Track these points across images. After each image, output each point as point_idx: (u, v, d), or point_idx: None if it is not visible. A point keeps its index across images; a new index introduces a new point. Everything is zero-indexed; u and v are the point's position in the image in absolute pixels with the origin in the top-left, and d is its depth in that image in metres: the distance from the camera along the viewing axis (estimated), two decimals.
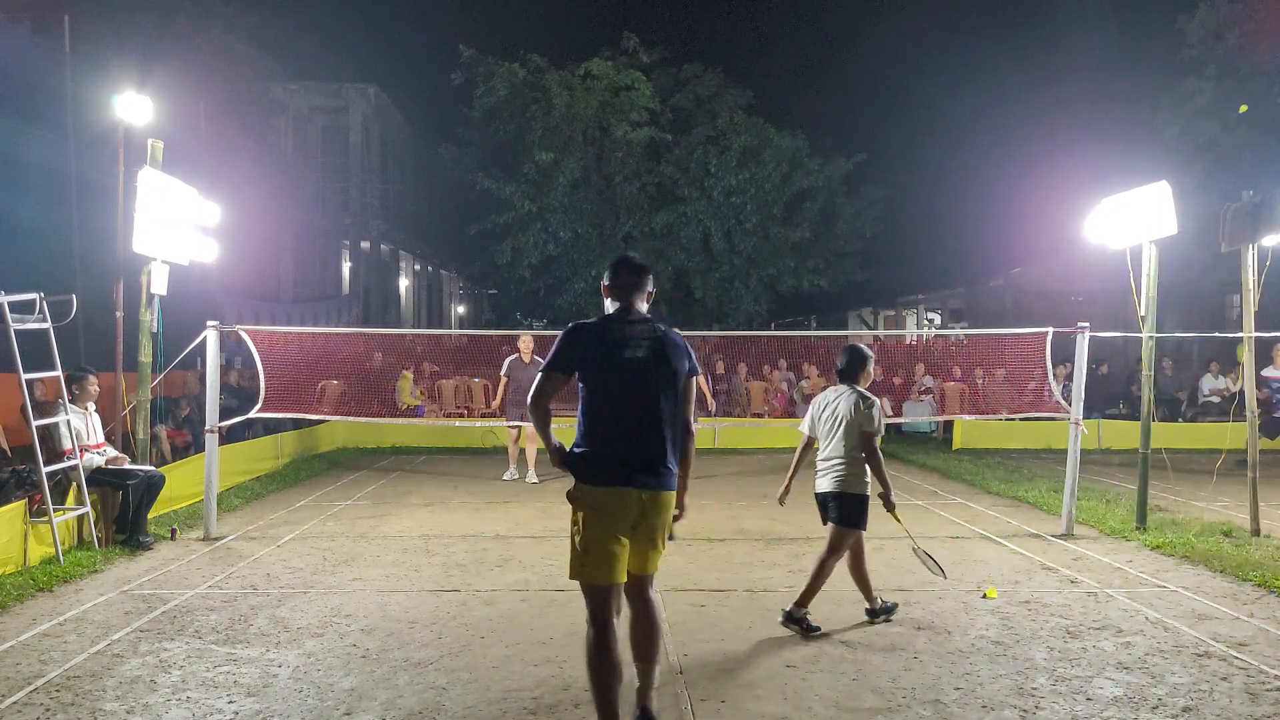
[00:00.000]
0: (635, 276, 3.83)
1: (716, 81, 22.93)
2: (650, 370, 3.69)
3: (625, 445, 3.67)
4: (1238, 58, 18.30)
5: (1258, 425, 8.15)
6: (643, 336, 3.73)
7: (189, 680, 4.41)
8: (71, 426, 7.13)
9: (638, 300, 3.83)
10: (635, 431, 3.68)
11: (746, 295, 22.59)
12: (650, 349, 3.71)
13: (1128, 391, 15.85)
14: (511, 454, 11.36)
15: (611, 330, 3.74)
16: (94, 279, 11.04)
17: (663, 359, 3.73)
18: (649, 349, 3.71)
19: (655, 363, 3.71)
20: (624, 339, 3.71)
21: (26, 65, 13.65)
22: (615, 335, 3.72)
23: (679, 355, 3.79)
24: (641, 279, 3.84)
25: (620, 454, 3.66)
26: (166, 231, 7.96)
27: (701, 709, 4.11)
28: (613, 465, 3.64)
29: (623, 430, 3.67)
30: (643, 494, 3.64)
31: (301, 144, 28.20)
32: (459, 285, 42.48)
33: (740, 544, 7.64)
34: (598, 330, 3.76)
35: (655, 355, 3.71)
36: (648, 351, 3.70)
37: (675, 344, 3.82)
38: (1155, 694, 4.28)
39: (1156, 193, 7.59)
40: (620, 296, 3.83)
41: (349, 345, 16.97)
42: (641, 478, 3.64)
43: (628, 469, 3.64)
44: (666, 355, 3.74)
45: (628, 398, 3.68)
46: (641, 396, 3.68)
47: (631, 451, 3.66)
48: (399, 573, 6.58)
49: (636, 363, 3.68)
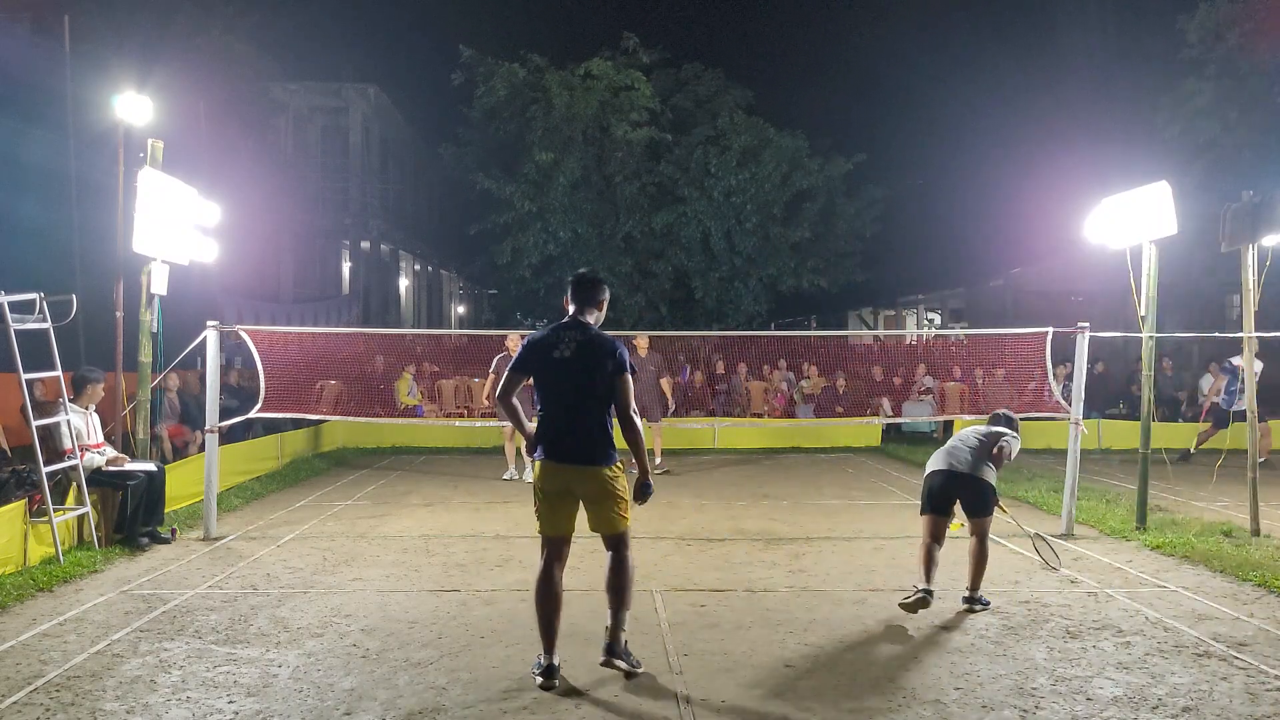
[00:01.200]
0: (579, 290, 4.61)
1: (716, 81, 22.91)
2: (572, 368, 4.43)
3: (556, 429, 4.47)
4: (1238, 58, 18.30)
5: (1212, 414, 8.17)
6: (570, 340, 4.47)
7: (189, 680, 4.41)
8: (72, 426, 7.13)
9: (582, 310, 4.58)
10: (562, 418, 4.48)
11: (746, 295, 22.58)
12: (574, 350, 4.45)
13: (1128, 391, 15.85)
14: (509, 453, 11.37)
15: (548, 336, 4.53)
16: (94, 279, 11.04)
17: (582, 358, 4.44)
18: (573, 350, 4.44)
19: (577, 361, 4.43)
20: (555, 343, 4.48)
21: (26, 65, 13.64)
22: (549, 340, 4.50)
23: (601, 355, 4.44)
24: (583, 292, 4.60)
25: (552, 436, 4.48)
26: (166, 231, 7.95)
27: (701, 708, 4.11)
28: (548, 445, 4.48)
29: (554, 417, 4.50)
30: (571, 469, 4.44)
31: (301, 144, 28.19)
32: (459, 285, 42.47)
33: (740, 544, 7.64)
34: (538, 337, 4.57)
35: (577, 355, 4.44)
36: (572, 352, 4.44)
37: (598, 346, 4.47)
38: (1155, 694, 4.28)
39: (1156, 193, 7.59)
40: (571, 305, 4.63)
41: (349, 345, 16.98)
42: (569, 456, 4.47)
43: (557, 448, 4.46)
44: (585, 355, 4.44)
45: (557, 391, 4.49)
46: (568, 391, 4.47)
47: (560, 434, 4.46)
48: (399, 573, 6.58)
49: (563, 362, 4.43)
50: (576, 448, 4.42)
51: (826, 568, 6.80)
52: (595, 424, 4.44)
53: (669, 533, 8.06)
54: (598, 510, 4.47)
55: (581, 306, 4.58)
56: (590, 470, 4.42)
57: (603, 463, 4.43)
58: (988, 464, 5.73)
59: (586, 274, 4.66)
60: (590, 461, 4.42)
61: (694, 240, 22.01)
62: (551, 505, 4.46)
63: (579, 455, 4.42)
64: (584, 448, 4.42)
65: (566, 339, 4.46)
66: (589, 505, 4.46)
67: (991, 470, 5.74)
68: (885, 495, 10.25)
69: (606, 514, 4.47)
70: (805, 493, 10.26)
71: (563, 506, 4.46)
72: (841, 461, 13.29)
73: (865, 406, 15.61)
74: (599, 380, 4.41)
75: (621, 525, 4.49)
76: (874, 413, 15.42)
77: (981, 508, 5.70)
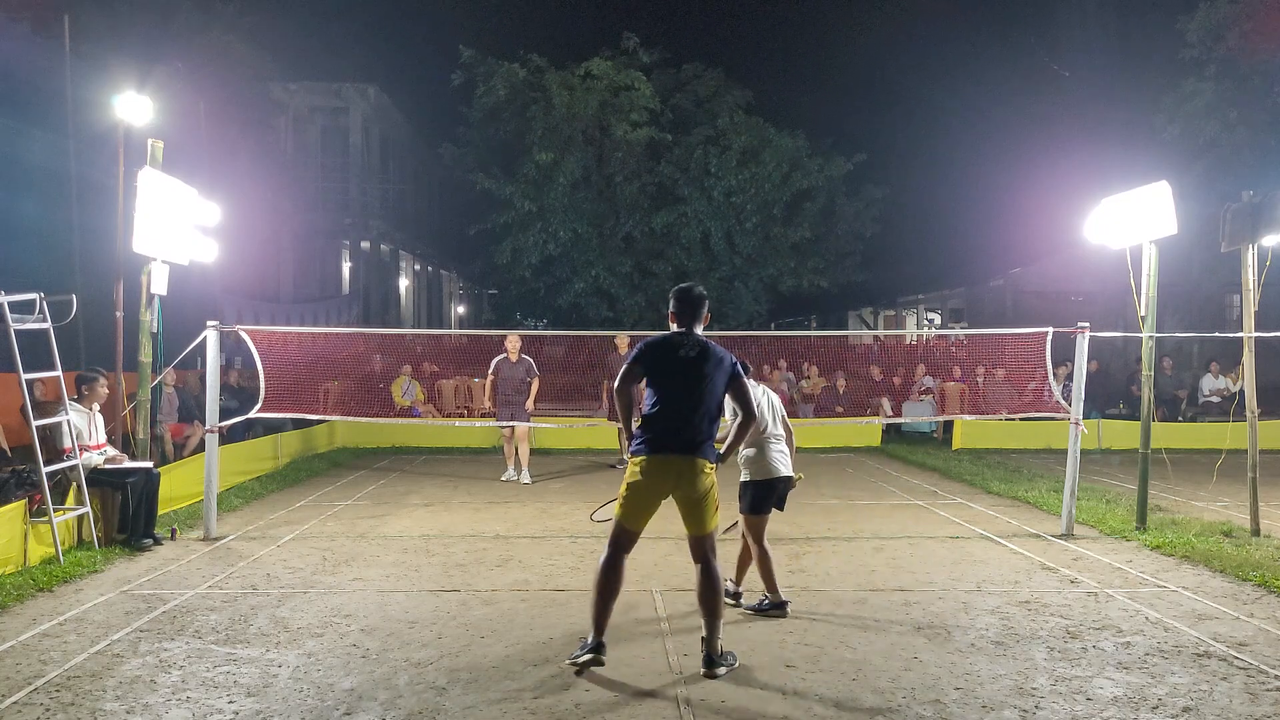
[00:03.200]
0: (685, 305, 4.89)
1: (716, 81, 22.92)
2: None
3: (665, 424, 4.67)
4: (1238, 58, 18.30)
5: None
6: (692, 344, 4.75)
7: (189, 680, 4.41)
8: (72, 426, 7.13)
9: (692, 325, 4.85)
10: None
11: (747, 295, 22.59)
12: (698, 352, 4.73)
13: (1128, 391, 15.85)
14: (507, 454, 11.36)
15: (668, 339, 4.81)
16: (94, 279, 11.04)
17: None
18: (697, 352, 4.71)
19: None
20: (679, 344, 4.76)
21: (26, 65, 13.63)
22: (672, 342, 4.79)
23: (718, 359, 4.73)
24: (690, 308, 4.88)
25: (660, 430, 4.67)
26: (166, 231, 7.95)
27: (701, 709, 4.11)
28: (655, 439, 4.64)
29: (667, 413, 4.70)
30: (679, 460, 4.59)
31: (301, 144, 28.17)
32: (459, 285, 42.45)
33: (740, 544, 7.61)
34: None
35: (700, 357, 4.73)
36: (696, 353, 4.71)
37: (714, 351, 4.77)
38: (1155, 694, 4.28)
39: (1156, 193, 7.59)
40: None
41: (349, 345, 16.98)
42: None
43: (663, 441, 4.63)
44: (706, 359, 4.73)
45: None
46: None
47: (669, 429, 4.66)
48: (399, 573, 6.58)
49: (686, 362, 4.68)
50: (684, 439, 4.58)
51: (826, 568, 6.80)
52: (705, 421, 4.64)
53: (669, 533, 8.02)
54: (692, 508, 4.59)
55: (691, 322, 4.83)
56: (692, 461, 4.56)
57: (707, 456, 4.61)
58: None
59: (692, 289, 4.94)
60: (695, 453, 4.57)
61: (694, 240, 22.02)
62: (641, 498, 4.59)
63: (686, 447, 4.57)
64: (692, 440, 4.57)
65: (689, 343, 4.71)
66: (685, 503, 4.59)
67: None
68: (885, 495, 10.25)
69: (699, 512, 4.58)
70: (805, 493, 10.23)
71: (652, 501, 4.61)
72: (841, 461, 13.28)
73: (865, 406, 15.61)
74: (717, 383, 4.67)
75: (711, 525, 4.63)
76: (874, 413, 15.42)
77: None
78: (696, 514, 4.60)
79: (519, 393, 10.85)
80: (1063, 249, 20.99)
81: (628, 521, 4.63)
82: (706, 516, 4.61)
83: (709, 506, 4.61)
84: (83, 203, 13.23)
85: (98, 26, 15.71)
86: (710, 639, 4.53)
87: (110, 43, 15.66)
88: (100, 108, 10.83)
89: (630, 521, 4.63)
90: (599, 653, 4.47)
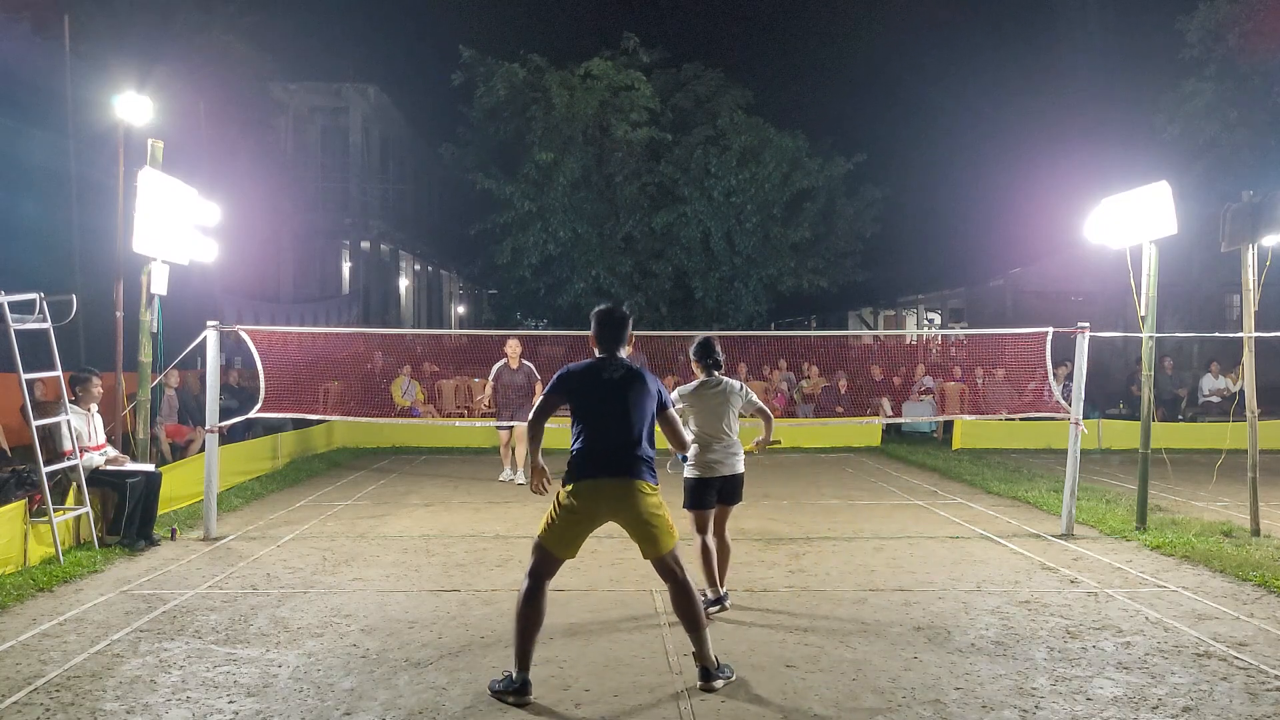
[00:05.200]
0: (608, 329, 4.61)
1: (716, 81, 22.92)
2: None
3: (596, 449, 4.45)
4: (1238, 58, 18.31)
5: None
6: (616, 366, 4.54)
7: (189, 680, 4.41)
8: (72, 426, 7.13)
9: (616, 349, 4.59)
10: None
11: (746, 295, 22.59)
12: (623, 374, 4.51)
13: (1128, 391, 15.85)
14: (504, 455, 11.37)
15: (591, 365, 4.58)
16: (94, 279, 11.04)
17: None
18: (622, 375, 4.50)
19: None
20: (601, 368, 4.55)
21: (26, 65, 13.64)
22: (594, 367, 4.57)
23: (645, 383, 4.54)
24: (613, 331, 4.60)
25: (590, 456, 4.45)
26: (166, 231, 7.95)
27: (701, 709, 4.11)
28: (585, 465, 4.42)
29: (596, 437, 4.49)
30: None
31: (301, 144, 28.15)
32: (459, 285, 42.43)
33: (740, 544, 7.61)
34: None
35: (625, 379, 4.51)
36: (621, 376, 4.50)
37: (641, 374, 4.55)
38: (1155, 694, 4.28)
39: (1156, 193, 7.59)
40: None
41: (349, 345, 16.98)
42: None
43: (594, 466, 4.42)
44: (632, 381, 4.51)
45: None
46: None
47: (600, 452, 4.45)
48: (399, 573, 6.58)
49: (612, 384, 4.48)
50: (618, 463, 4.37)
51: (826, 568, 6.80)
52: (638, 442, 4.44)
53: None
54: (640, 530, 4.36)
55: (614, 346, 4.58)
56: (629, 484, 4.35)
57: (644, 477, 4.39)
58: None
59: (614, 310, 4.65)
60: (630, 474, 4.36)
61: (694, 240, 22.02)
62: (573, 525, 4.32)
63: (620, 470, 4.36)
64: (625, 463, 4.37)
65: (612, 365, 4.49)
66: (631, 526, 4.36)
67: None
68: (885, 495, 10.24)
69: (650, 533, 4.36)
70: (805, 493, 10.25)
71: (584, 528, 4.35)
72: (841, 461, 13.29)
73: (865, 406, 15.61)
74: (646, 406, 4.47)
75: (667, 544, 4.38)
76: (874, 413, 15.42)
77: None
78: (647, 535, 4.36)
79: (520, 397, 10.87)
80: (1063, 249, 20.99)
81: (555, 549, 4.33)
82: (659, 536, 4.36)
83: (659, 526, 4.36)
84: (83, 203, 13.23)
85: (98, 26, 15.71)
86: (700, 651, 4.36)
87: (110, 43, 15.66)
88: (100, 108, 10.83)
89: (557, 549, 4.33)
90: (523, 693, 4.16)
